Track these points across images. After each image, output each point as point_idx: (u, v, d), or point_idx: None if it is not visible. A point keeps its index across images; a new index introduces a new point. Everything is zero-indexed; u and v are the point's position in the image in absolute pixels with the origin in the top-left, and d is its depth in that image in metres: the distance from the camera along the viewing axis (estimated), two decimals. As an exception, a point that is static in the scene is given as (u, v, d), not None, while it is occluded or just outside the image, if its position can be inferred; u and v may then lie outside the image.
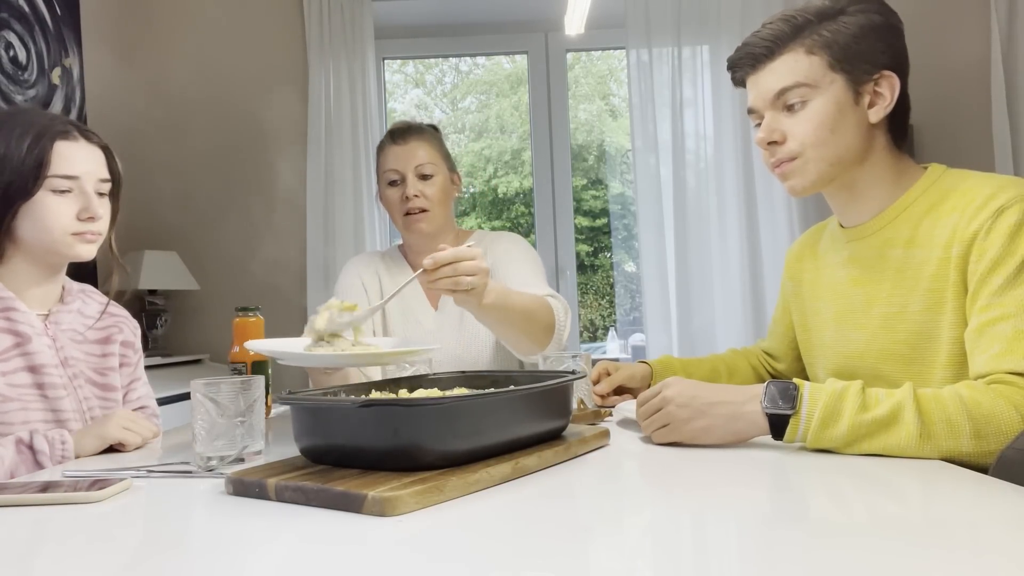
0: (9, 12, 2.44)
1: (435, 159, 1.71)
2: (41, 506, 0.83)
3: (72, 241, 1.24)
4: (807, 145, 1.14)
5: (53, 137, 1.23)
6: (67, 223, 1.23)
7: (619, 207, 3.45)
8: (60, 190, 1.23)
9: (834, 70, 1.12)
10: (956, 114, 2.93)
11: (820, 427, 0.93)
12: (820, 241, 1.33)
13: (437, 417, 0.81)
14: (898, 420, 0.91)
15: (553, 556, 0.61)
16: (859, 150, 1.14)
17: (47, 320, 1.28)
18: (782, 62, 1.14)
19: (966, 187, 1.08)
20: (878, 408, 0.92)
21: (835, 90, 1.12)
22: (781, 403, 0.96)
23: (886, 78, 1.12)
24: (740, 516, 0.71)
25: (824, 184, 1.17)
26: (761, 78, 1.17)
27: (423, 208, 1.68)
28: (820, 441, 0.93)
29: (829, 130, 1.12)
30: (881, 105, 1.12)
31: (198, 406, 0.99)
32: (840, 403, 0.93)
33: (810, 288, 1.32)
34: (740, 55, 1.20)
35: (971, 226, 1.03)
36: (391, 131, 1.76)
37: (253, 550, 0.66)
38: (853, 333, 1.18)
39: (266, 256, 3.04)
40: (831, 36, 1.12)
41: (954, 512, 0.72)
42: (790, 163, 1.16)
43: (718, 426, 1.00)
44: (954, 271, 1.05)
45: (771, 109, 1.16)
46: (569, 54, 3.29)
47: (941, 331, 1.07)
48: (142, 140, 3.02)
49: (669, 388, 1.03)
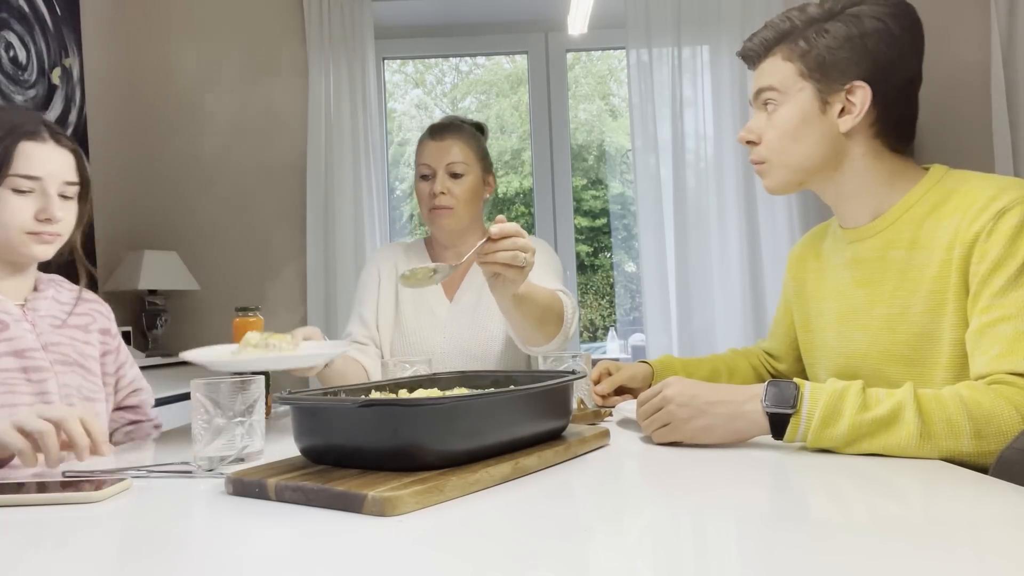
0: (9, 12, 2.44)
1: (469, 159, 1.73)
2: (40, 506, 0.83)
3: (27, 240, 1.24)
4: (771, 151, 1.19)
5: (19, 137, 1.23)
6: (24, 222, 1.23)
7: (619, 207, 3.45)
8: (21, 189, 1.23)
9: (804, 78, 1.15)
10: (956, 114, 2.93)
11: (820, 427, 0.93)
12: (823, 242, 1.33)
13: (437, 417, 0.81)
14: (898, 420, 0.91)
15: (553, 556, 0.61)
16: (825, 158, 1.16)
17: (24, 307, 1.28)
18: (767, 64, 1.20)
19: (968, 188, 1.08)
20: (878, 408, 0.92)
21: (802, 98, 1.15)
22: (781, 403, 0.96)
23: (859, 88, 1.12)
24: (740, 516, 0.71)
25: (793, 187, 1.21)
26: (755, 76, 1.22)
27: (448, 206, 1.70)
28: (820, 441, 0.93)
29: (791, 138, 1.16)
30: (851, 115, 1.14)
31: (198, 406, 0.99)
32: (840, 403, 0.93)
33: (812, 289, 1.32)
34: (743, 52, 1.25)
35: (972, 228, 1.03)
36: (433, 126, 1.78)
37: (253, 550, 0.66)
38: (855, 334, 1.19)
39: (266, 256, 3.05)
40: (807, 46, 1.15)
41: (954, 512, 0.72)
42: (761, 166, 1.22)
43: (718, 425, 1.00)
44: (955, 272, 1.05)
45: (755, 107, 1.22)
46: (569, 54, 3.29)
47: (943, 332, 1.07)
48: (142, 140, 3.02)
49: (669, 388, 1.03)
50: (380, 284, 1.79)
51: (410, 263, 1.80)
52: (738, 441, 1.01)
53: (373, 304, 1.78)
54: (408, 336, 1.73)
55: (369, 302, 1.79)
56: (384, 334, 1.76)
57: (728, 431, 0.99)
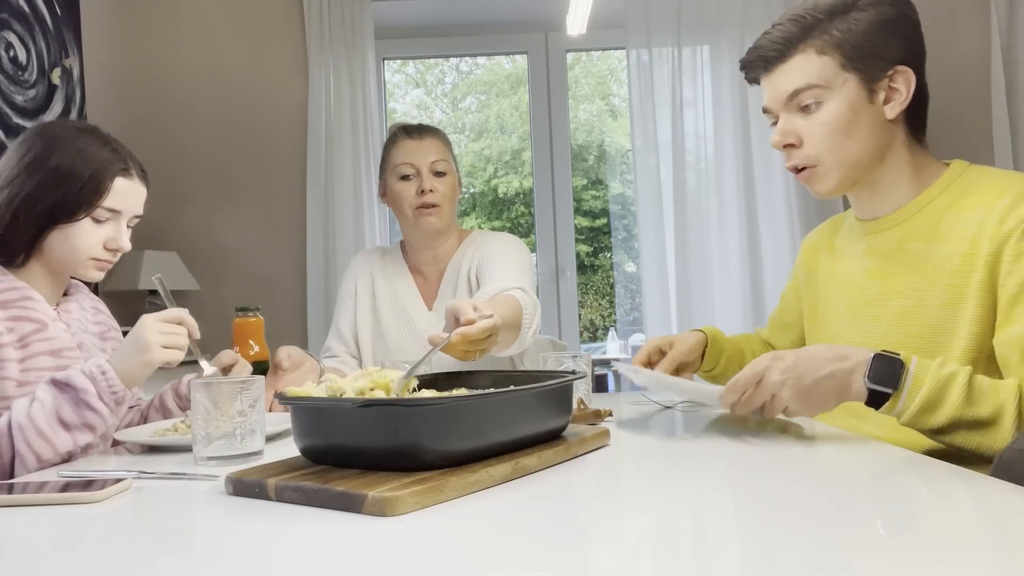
0: (9, 12, 2.44)
1: (448, 158, 1.74)
2: (41, 506, 0.83)
3: (90, 265, 1.29)
4: (824, 151, 1.13)
5: (115, 174, 1.27)
6: (94, 249, 1.27)
7: (619, 207, 3.45)
8: (99, 219, 1.27)
9: (846, 69, 1.10)
10: (956, 114, 2.93)
11: (919, 412, 0.92)
12: (838, 233, 1.31)
13: (437, 417, 0.81)
14: (997, 425, 0.90)
15: (553, 556, 0.61)
16: (877, 148, 1.13)
17: (58, 309, 1.32)
18: (794, 63, 1.13)
19: (991, 184, 1.08)
20: (980, 406, 0.91)
21: (848, 90, 1.11)
22: (885, 380, 0.94)
23: (901, 73, 1.11)
24: (740, 516, 0.71)
25: (848, 186, 1.17)
26: (774, 79, 1.16)
27: (437, 203, 1.69)
28: (915, 424, 0.93)
29: (844, 133, 1.11)
30: (897, 100, 1.11)
31: (198, 406, 0.99)
32: (945, 392, 0.92)
33: (824, 279, 1.30)
34: (752, 57, 1.18)
35: (1005, 225, 1.02)
36: (405, 127, 1.76)
37: (253, 550, 0.66)
38: (867, 326, 1.17)
39: (266, 256, 3.05)
40: (841, 35, 1.10)
41: (954, 512, 0.72)
42: (811, 170, 1.15)
43: (820, 402, 0.98)
44: (982, 268, 1.03)
45: (785, 110, 1.16)
46: (569, 54, 3.29)
47: (959, 326, 1.06)
48: (142, 140, 3.01)
49: (773, 371, 0.99)
50: (357, 295, 1.79)
51: (385, 270, 1.79)
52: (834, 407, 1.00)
53: (350, 317, 1.78)
54: (390, 347, 1.73)
55: (346, 316, 1.79)
56: (364, 344, 1.76)
57: (831, 403, 0.99)
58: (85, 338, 1.32)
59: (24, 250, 1.26)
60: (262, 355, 1.46)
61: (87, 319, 1.37)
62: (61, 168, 1.23)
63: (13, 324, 1.21)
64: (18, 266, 1.27)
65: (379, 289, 1.77)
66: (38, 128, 1.29)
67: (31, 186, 1.23)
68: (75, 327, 1.31)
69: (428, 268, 1.78)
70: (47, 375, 1.21)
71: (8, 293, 1.23)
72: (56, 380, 1.12)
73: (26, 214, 1.23)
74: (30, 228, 1.24)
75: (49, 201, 1.23)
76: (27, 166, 1.23)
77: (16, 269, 1.27)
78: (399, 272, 1.79)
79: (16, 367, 1.19)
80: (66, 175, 1.23)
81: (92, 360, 1.15)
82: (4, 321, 1.20)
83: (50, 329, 1.25)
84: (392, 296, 1.76)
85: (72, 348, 1.27)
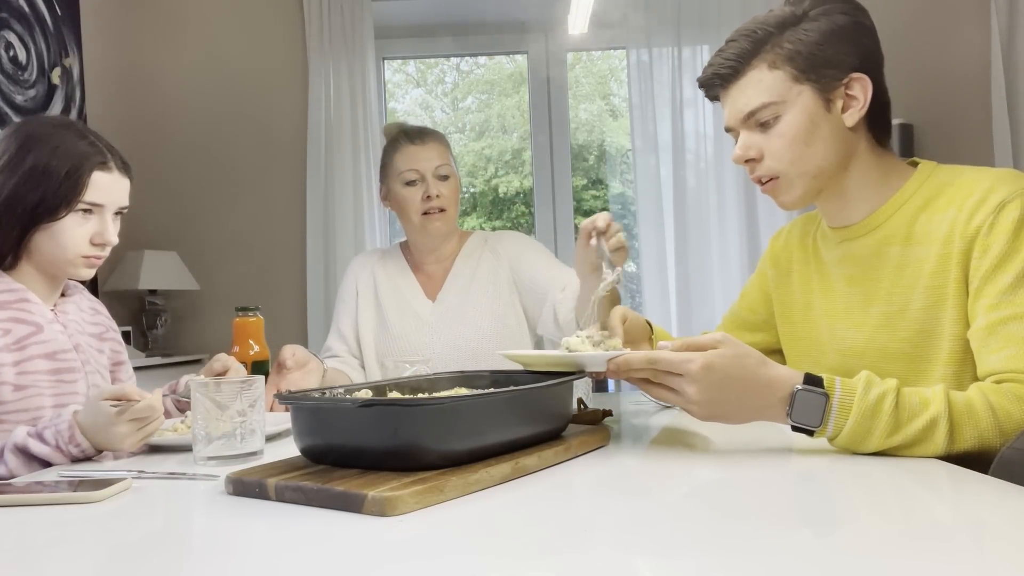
0: (9, 12, 2.44)
1: (450, 161, 1.75)
2: (41, 506, 0.83)
3: (80, 263, 1.27)
4: (785, 163, 1.12)
5: (92, 168, 1.25)
6: (81, 246, 1.26)
7: (619, 207, 3.44)
8: (84, 214, 1.26)
9: (799, 81, 1.10)
10: (956, 114, 2.93)
11: (847, 443, 0.91)
12: (810, 235, 1.29)
13: (437, 417, 0.81)
14: (929, 438, 0.89)
15: (553, 556, 0.61)
16: (840, 156, 1.12)
17: (55, 310, 1.31)
18: (747, 80, 1.12)
19: (962, 181, 1.07)
20: (910, 426, 0.90)
21: (804, 101, 1.10)
22: (807, 417, 0.92)
23: (856, 80, 1.10)
24: (741, 516, 0.71)
25: (812, 197, 1.16)
26: (732, 96, 1.15)
27: (444, 207, 1.70)
28: (845, 450, 0.92)
29: (804, 144, 1.11)
30: (855, 108, 1.10)
31: (198, 406, 0.99)
32: (871, 422, 0.90)
33: (798, 281, 1.28)
34: (707, 76, 1.17)
35: (972, 222, 1.02)
36: (405, 131, 1.76)
37: (253, 550, 0.66)
38: (850, 332, 1.17)
39: (266, 256, 3.05)
40: (793, 47, 1.09)
41: (954, 512, 0.72)
42: (774, 182, 1.15)
43: (732, 418, 0.96)
44: (955, 267, 1.04)
45: (744, 127, 1.15)
46: (569, 54, 3.29)
47: (942, 328, 1.06)
48: (142, 140, 3.02)
49: (692, 387, 0.93)
50: (358, 295, 1.80)
51: (387, 271, 1.80)
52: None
53: (351, 318, 1.79)
54: (396, 339, 1.74)
55: (347, 316, 1.80)
56: (368, 341, 1.77)
57: (741, 421, 0.96)
58: (82, 339, 1.32)
59: (11, 252, 1.25)
60: (262, 355, 1.46)
61: (85, 320, 1.37)
62: (38, 167, 1.22)
63: (10, 326, 1.21)
64: (8, 268, 1.27)
65: (381, 286, 1.78)
66: (14, 127, 1.28)
67: (10, 187, 1.22)
68: (72, 328, 1.31)
69: (431, 267, 1.80)
70: (43, 378, 1.21)
71: (5, 295, 1.23)
72: (16, 446, 1.08)
73: (8, 216, 1.22)
74: (14, 230, 1.23)
75: (29, 201, 1.22)
76: (3, 167, 1.23)
77: (8, 272, 1.27)
78: (400, 271, 1.80)
79: (11, 371, 1.19)
80: (43, 173, 1.22)
81: (55, 419, 1.10)
82: (0, 323, 1.20)
83: (46, 331, 1.25)
84: (395, 291, 1.78)
85: (68, 350, 1.27)
